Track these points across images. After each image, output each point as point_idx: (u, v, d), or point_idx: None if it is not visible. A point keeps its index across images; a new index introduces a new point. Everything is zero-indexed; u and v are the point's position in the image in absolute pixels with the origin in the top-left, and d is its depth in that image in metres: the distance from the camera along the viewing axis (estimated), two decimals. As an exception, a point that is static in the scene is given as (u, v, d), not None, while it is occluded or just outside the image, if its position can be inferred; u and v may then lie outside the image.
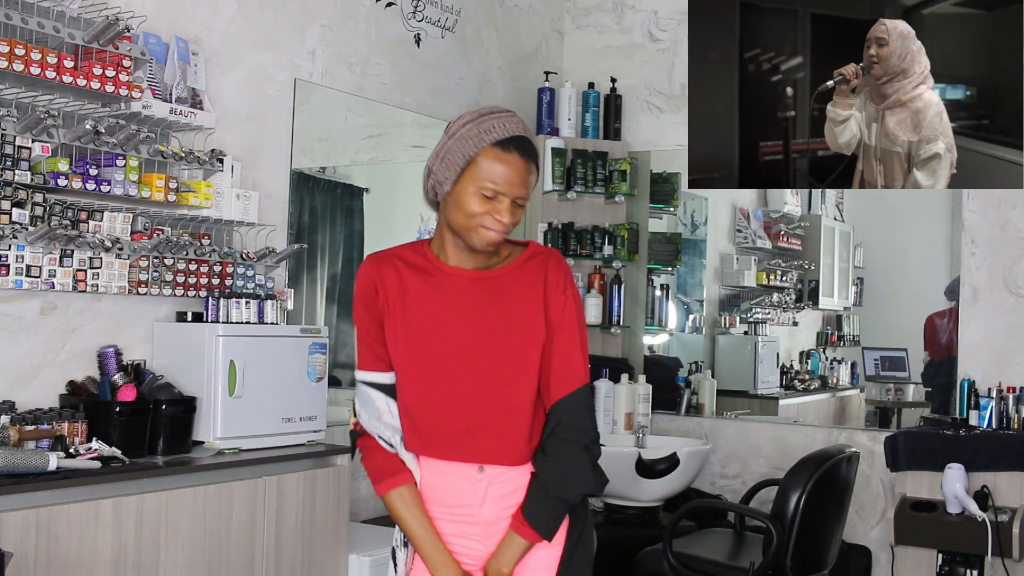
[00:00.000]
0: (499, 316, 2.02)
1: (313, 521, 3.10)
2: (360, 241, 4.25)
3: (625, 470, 4.06)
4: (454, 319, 2.02)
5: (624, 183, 4.87)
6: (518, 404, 2.02)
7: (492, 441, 2.02)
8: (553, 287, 2.04)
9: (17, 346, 2.86)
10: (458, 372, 2.01)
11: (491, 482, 2.03)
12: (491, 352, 2.01)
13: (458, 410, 2.01)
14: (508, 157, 1.96)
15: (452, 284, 2.04)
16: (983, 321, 4.21)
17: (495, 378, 2.01)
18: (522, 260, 2.07)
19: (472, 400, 2.01)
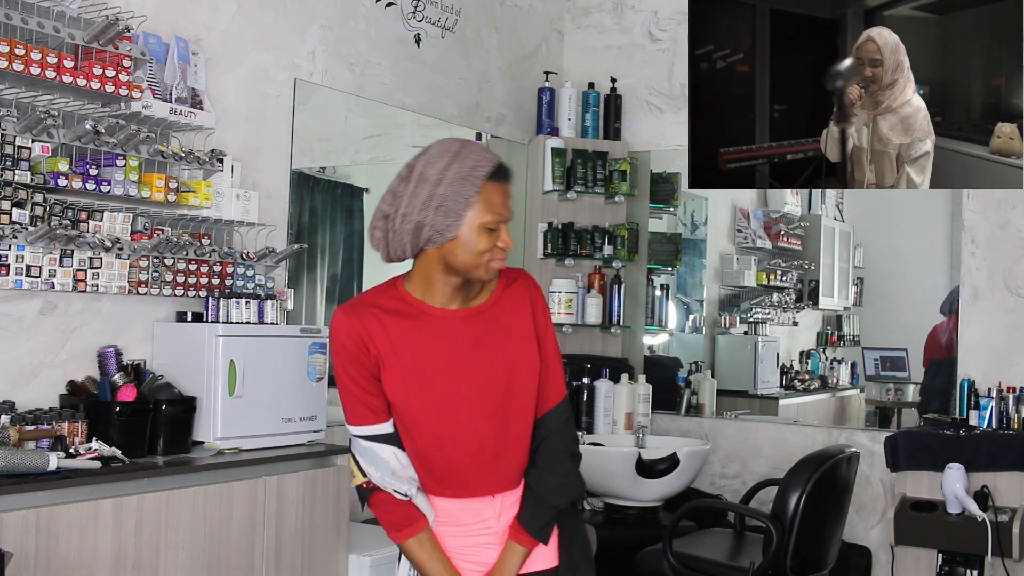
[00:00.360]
0: (497, 348, 2.04)
1: (313, 521, 3.10)
2: (360, 241, 4.25)
3: (625, 470, 4.06)
4: (455, 361, 2.01)
5: (624, 183, 4.87)
6: (525, 428, 2.09)
7: (509, 470, 2.09)
8: (537, 306, 2.10)
9: (17, 346, 2.86)
10: (468, 411, 2.02)
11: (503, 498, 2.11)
12: (496, 386, 2.03)
13: (474, 447, 2.03)
14: (501, 187, 1.98)
15: (445, 326, 2.02)
16: (983, 321, 4.21)
17: (504, 410, 2.04)
18: (502, 288, 2.08)
19: (486, 435, 2.03)
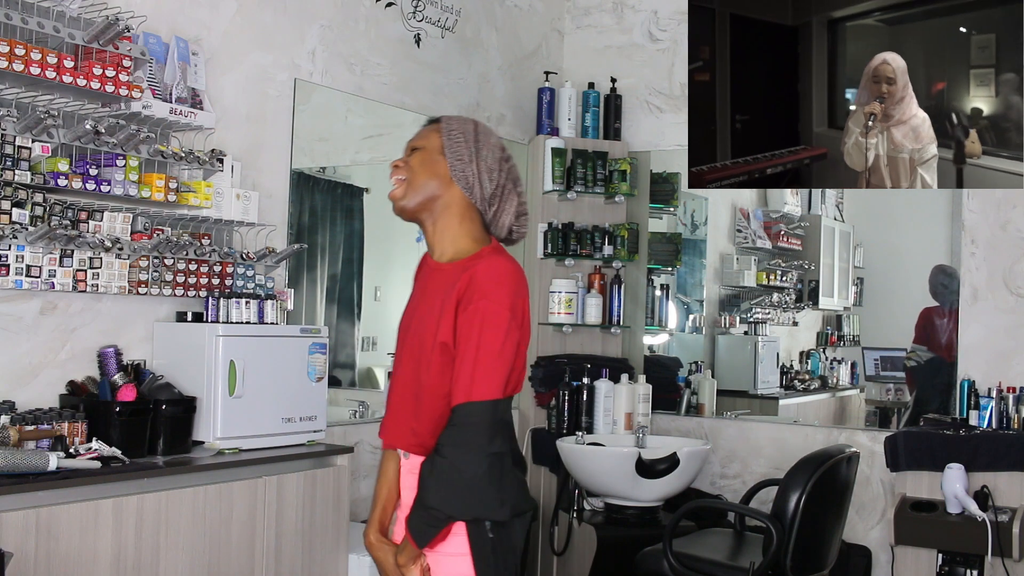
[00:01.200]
0: (428, 305, 2.12)
1: (313, 521, 3.10)
2: (360, 241, 4.25)
3: (625, 470, 4.06)
4: (412, 303, 2.21)
5: (624, 183, 4.87)
6: (420, 393, 2.10)
7: (397, 425, 2.16)
8: (472, 290, 2.03)
9: (17, 346, 2.86)
10: (397, 355, 2.19)
11: (408, 470, 2.15)
12: (413, 338, 2.14)
13: (392, 389, 2.19)
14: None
15: (426, 271, 2.21)
16: (983, 321, 4.21)
17: (409, 364, 2.13)
18: (471, 259, 2.11)
19: (400, 380, 2.16)
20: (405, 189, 2.15)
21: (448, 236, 2.15)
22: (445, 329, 2.04)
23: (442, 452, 2.00)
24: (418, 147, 2.17)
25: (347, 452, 3.27)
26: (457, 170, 2.12)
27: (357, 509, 3.76)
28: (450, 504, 2.00)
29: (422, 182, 2.14)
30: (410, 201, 2.15)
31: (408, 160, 2.17)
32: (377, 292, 4.34)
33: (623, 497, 4.19)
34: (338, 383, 4.08)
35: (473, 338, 2.01)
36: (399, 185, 2.16)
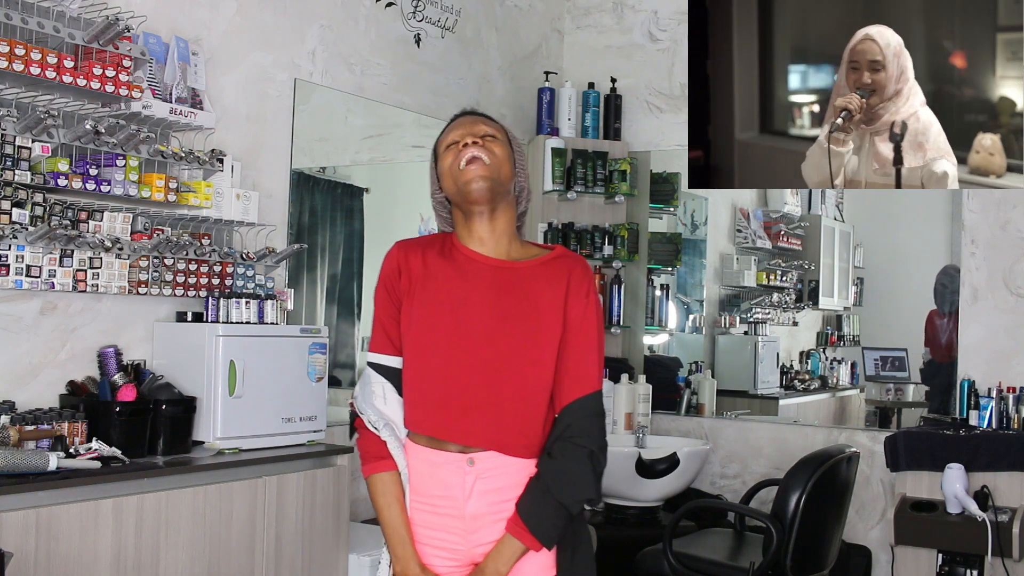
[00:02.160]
0: (516, 305, 2.05)
1: (313, 521, 3.10)
2: (360, 241, 4.25)
3: (625, 470, 4.06)
4: (472, 301, 2.06)
5: (624, 183, 4.87)
6: (521, 393, 2.03)
7: (489, 425, 2.02)
8: (576, 289, 2.07)
9: (17, 346, 2.86)
10: (466, 352, 2.03)
11: (479, 476, 2.02)
12: (501, 338, 2.03)
13: (462, 388, 2.02)
14: (456, 122, 2.13)
15: (473, 267, 2.09)
16: (983, 321, 4.21)
17: (502, 364, 2.02)
18: (548, 258, 2.12)
19: (476, 381, 2.02)
20: (491, 168, 2.03)
21: (508, 232, 2.11)
22: (558, 326, 2.04)
23: (584, 445, 2.03)
24: (491, 134, 2.08)
25: (347, 452, 3.27)
26: (520, 167, 2.12)
27: (357, 509, 3.76)
28: (586, 493, 2.03)
29: (506, 170, 2.07)
30: (493, 181, 2.04)
31: (487, 144, 2.06)
32: (377, 292, 4.34)
33: (623, 497, 4.19)
34: (338, 383, 4.08)
35: (592, 330, 2.06)
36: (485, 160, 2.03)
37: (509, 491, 2.02)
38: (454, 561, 2.06)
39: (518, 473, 2.03)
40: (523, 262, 2.10)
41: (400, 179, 4.58)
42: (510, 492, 2.02)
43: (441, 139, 2.13)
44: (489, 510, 2.02)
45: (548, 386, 2.05)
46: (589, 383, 2.05)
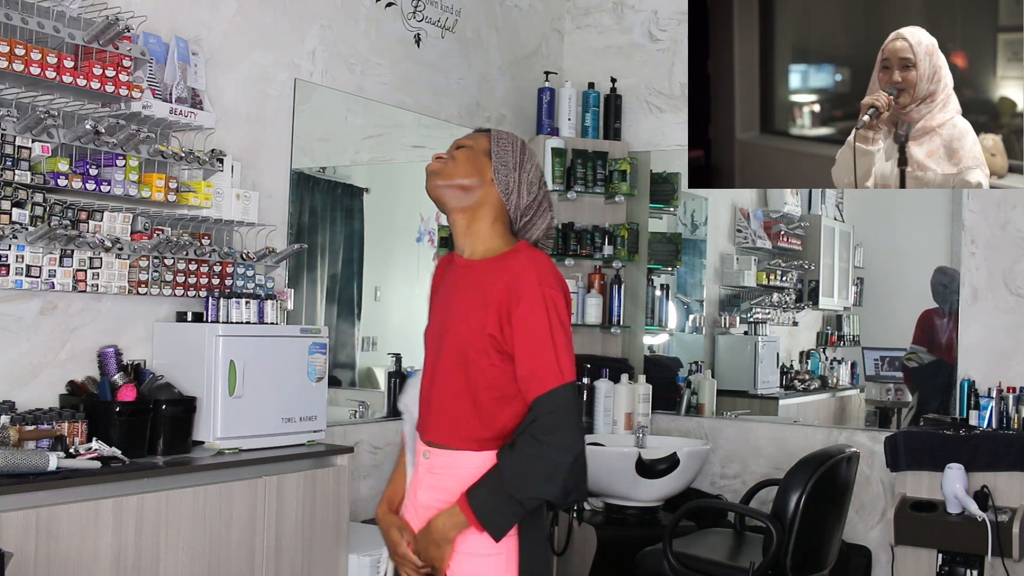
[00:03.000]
0: (466, 300, 2.12)
1: (313, 521, 3.10)
2: (360, 241, 4.25)
3: (625, 470, 4.06)
4: (445, 301, 2.19)
5: (624, 183, 4.87)
6: (462, 387, 2.08)
7: (436, 419, 2.13)
8: (521, 280, 2.04)
9: (17, 346, 2.86)
10: (431, 350, 2.18)
11: (429, 470, 2.12)
12: (447, 334, 2.13)
13: (426, 384, 2.17)
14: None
15: (451, 269, 2.22)
16: (983, 321, 4.21)
17: (447, 358, 2.11)
18: (505, 254, 2.14)
19: (431, 377, 2.15)
20: (444, 168, 2.17)
21: (480, 235, 2.17)
22: (492, 322, 2.03)
23: (540, 439, 1.96)
24: (464, 145, 2.20)
25: (347, 452, 3.27)
26: (500, 174, 2.16)
27: (357, 509, 3.76)
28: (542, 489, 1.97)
29: (462, 172, 2.17)
30: (446, 180, 2.16)
31: (453, 153, 2.20)
32: (377, 292, 4.34)
33: (623, 497, 4.19)
34: (338, 383, 4.08)
35: (543, 324, 2.01)
36: (439, 164, 2.18)
37: (458, 491, 2.04)
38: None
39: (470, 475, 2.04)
40: (482, 260, 2.15)
41: (400, 179, 4.58)
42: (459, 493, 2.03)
43: None
44: (437, 505, 2.07)
45: (496, 382, 2.05)
46: (549, 377, 2.00)
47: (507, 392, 2.05)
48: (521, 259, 2.08)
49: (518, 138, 2.24)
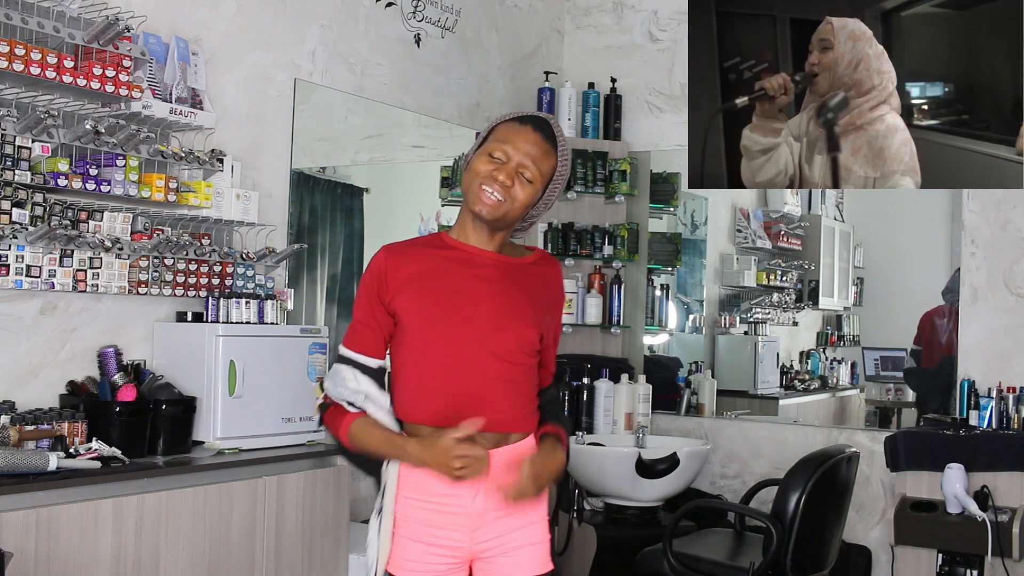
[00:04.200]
0: (521, 299, 2.13)
1: (313, 521, 3.10)
2: (360, 241, 4.25)
3: (625, 470, 4.06)
4: (480, 293, 2.10)
5: (624, 183, 4.87)
6: (523, 379, 2.13)
7: (504, 408, 2.09)
8: (561, 294, 2.28)
9: (17, 346, 2.86)
10: (478, 343, 2.08)
11: (508, 466, 2.05)
12: (509, 329, 2.10)
13: (475, 377, 2.08)
14: (521, 128, 2.11)
15: (476, 260, 2.13)
16: (983, 321, 4.21)
17: (509, 353, 2.10)
18: (537, 259, 2.22)
19: (489, 370, 2.08)
20: (501, 212, 2.08)
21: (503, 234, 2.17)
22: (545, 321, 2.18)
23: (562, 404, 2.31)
24: (530, 179, 2.08)
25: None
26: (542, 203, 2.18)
27: (357, 509, 3.75)
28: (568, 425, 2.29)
29: (518, 215, 2.11)
30: (497, 220, 2.09)
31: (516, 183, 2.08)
32: (377, 292, 4.33)
33: (623, 497, 4.19)
34: (338, 383, 4.07)
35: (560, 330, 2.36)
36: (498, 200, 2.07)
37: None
38: (455, 559, 2.09)
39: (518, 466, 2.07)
40: (519, 259, 2.19)
41: (400, 179, 4.58)
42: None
43: (495, 131, 2.13)
44: (494, 506, 2.07)
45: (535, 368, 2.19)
46: (552, 375, 2.30)
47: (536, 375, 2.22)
48: (556, 265, 2.28)
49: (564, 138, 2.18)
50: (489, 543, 2.09)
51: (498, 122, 2.16)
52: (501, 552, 2.10)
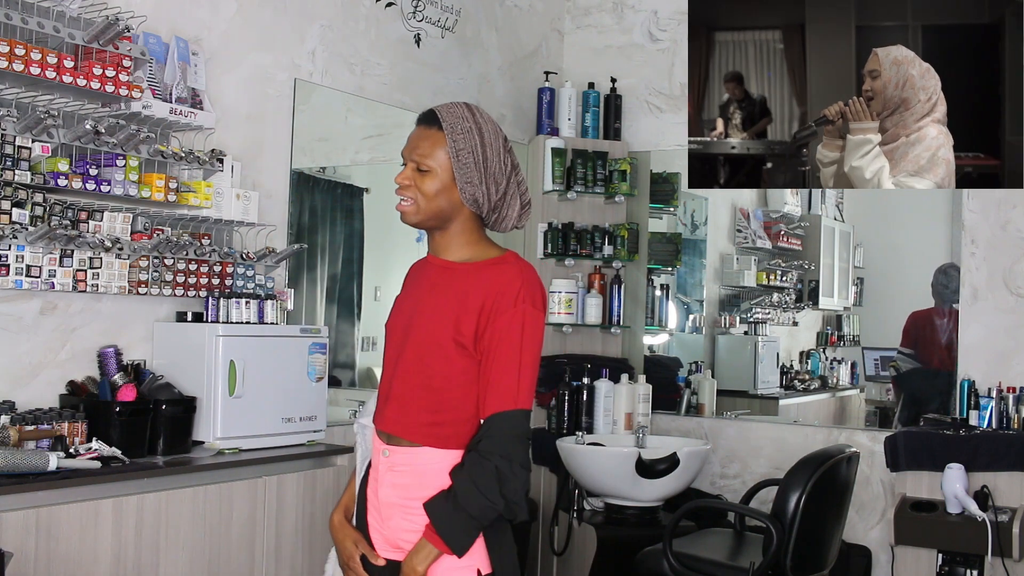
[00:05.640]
0: (438, 301, 2.10)
1: (313, 521, 3.10)
2: (360, 241, 4.25)
3: (625, 470, 4.06)
4: (412, 297, 2.18)
5: (624, 183, 4.87)
6: (423, 379, 2.08)
7: (396, 412, 2.12)
8: (504, 296, 2.03)
9: (17, 346, 2.86)
10: (393, 343, 2.17)
11: (390, 467, 2.12)
12: (416, 329, 2.11)
13: (387, 378, 2.16)
14: (416, 129, 2.17)
15: (426, 269, 2.19)
16: (983, 321, 4.21)
17: (412, 351, 2.10)
18: (489, 263, 2.11)
19: (393, 370, 2.14)
20: (415, 210, 2.10)
21: (458, 242, 2.13)
22: (467, 327, 2.03)
23: (489, 458, 1.98)
24: (425, 169, 2.08)
25: (347, 452, 3.27)
26: (467, 193, 2.08)
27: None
28: (490, 512, 2.00)
29: (433, 207, 2.09)
30: (420, 220, 2.12)
31: (415, 181, 2.09)
32: (377, 292, 4.34)
33: (623, 497, 4.19)
34: (338, 383, 4.08)
35: (516, 343, 2.02)
36: (408, 204, 2.11)
37: (417, 489, 2.07)
38: (381, 539, 2.15)
39: (428, 472, 2.06)
40: (464, 263, 2.12)
41: (400, 179, 4.57)
42: (419, 490, 2.07)
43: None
44: (399, 502, 2.10)
45: (459, 383, 2.06)
46: (508, 398, 2.01)
47: (461, 382, 2.06)
48: (511, 271, 2.07)
49: (473, 126, 2.09)
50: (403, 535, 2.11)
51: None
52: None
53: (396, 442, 2.11)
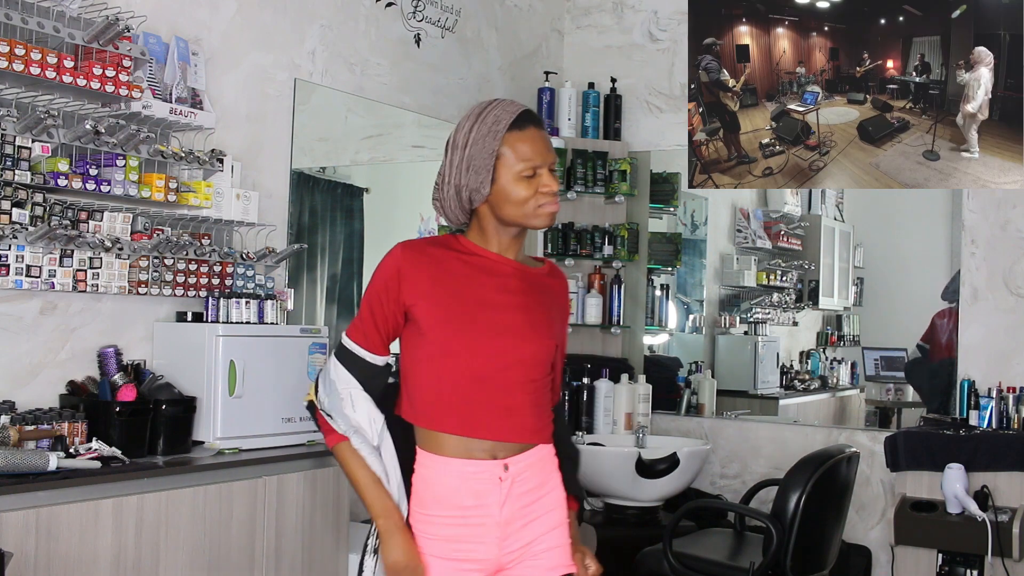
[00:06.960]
0: (542, 312, 2.15)
1: (313, 521, 3.10)
2: (360, 241, 4.25)
3: (625, 470, 4.06)
4: (506, 303, 2.10)
5: (624, 183, 4.87)
6: (543, 391, 2.16)
7: (534, 421, 2.12)
8: (568, 307, 2.32)
9: (17, 346, 2.86)
10: (505, 354, 2.07)
11: (513, 481, 2.06)
12: (533, 341, 2.11)
13: (501, 388, 2.07)
14: (527, 133, 2.08)
15: (498, 269, 2.12)
16: (983, 321, 4.21)
17: (533, 364, 2.12)
18: (548, 270, 2.25)
19: (514, 381, 2.08)
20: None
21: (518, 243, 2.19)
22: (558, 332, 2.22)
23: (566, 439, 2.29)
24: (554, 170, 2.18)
25: (347, 452, 3.27)
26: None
27: (357, 509, 3.74)
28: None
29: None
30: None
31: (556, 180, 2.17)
32: (377, 292, 4.33)
33: (623, 497, 4.19)
34: (338, 383, 4.07)
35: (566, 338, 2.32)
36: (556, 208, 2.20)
37: (535, 492, 2.12)
38: (481, 571, 2.06)
39: (540, 470, 2.14)
40: (534, 270, 2.20)
41: (400, 179, 4.58)
42: (536, 493, 2.11)
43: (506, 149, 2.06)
44: (521, 513, 2.08)
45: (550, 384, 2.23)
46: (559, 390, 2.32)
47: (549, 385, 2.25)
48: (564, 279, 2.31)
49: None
50: (515, 552, 2.08)
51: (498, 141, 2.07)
52: (527, 556, 2.10)
53: (512, 450, 2.08)
